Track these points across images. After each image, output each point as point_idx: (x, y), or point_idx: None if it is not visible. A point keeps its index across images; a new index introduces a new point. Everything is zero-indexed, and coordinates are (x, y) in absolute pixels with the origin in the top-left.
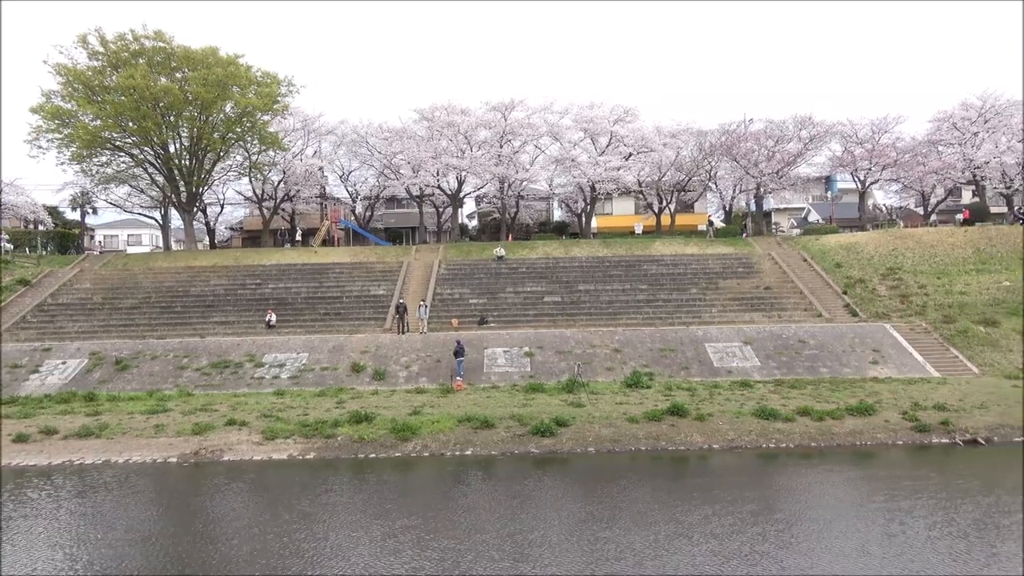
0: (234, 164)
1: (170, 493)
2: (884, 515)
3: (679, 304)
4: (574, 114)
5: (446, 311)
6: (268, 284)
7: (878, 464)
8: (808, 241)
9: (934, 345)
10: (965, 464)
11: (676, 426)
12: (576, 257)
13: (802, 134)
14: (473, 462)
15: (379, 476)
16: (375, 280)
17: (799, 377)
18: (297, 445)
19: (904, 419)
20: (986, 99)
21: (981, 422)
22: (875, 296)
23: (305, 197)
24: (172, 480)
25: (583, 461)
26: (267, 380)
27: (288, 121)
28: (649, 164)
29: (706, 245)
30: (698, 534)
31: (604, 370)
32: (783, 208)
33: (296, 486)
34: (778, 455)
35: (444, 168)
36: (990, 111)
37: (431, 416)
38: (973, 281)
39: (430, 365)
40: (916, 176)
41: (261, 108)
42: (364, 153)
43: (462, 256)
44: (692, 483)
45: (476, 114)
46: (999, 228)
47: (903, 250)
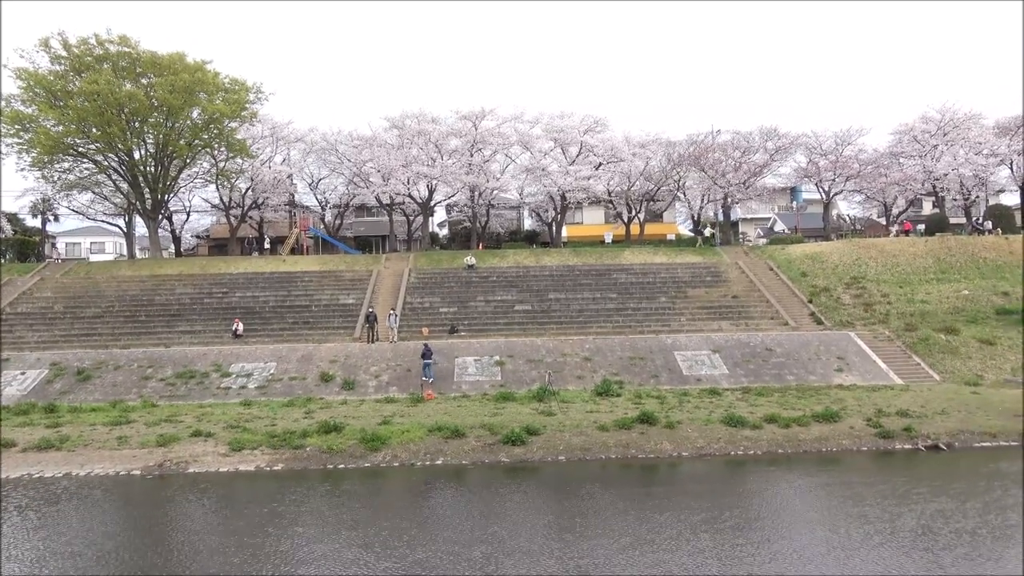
0: (201, 171)
1: (132, 506)
2: (829, 521)
3: (648, 312)
4: (544, 124)
5: (416, 320)
6: (235, 293)
7: (835, 470)
8: (774, 251)
9: (897, 353)
10: (923, 469)
11: (646, 434)
12: (547, 266)
13: (768, 145)
14: (444, 472)
15: (349, 487)
16: (344, 289)
17: (766, 385)
18: (265, 456)
19: (868, 425)
20: (945, 113)
21: (942, 428)
22: (839, 305)
23: (273, 205)
24: (135, 493)
25: (554, 470)
26: (234, 390)
27: (256, 128)
28: (619, 174)
29: (675, 254)
30: (663, 539)
31: (575, 378)
32: (750, 218)
33: (263, 498)
34: (746, 462)
35: (415, 176)
36: (949, 124)
37: (401, 426)
38: (934, 290)
39: (400, 374)
40: (878, 187)
41: (229, 115)
42: (334, 161)
43: (432, 265)
44: (661, 491)
45: (447, 123)
46: (958, 239)
47: (866, 260)
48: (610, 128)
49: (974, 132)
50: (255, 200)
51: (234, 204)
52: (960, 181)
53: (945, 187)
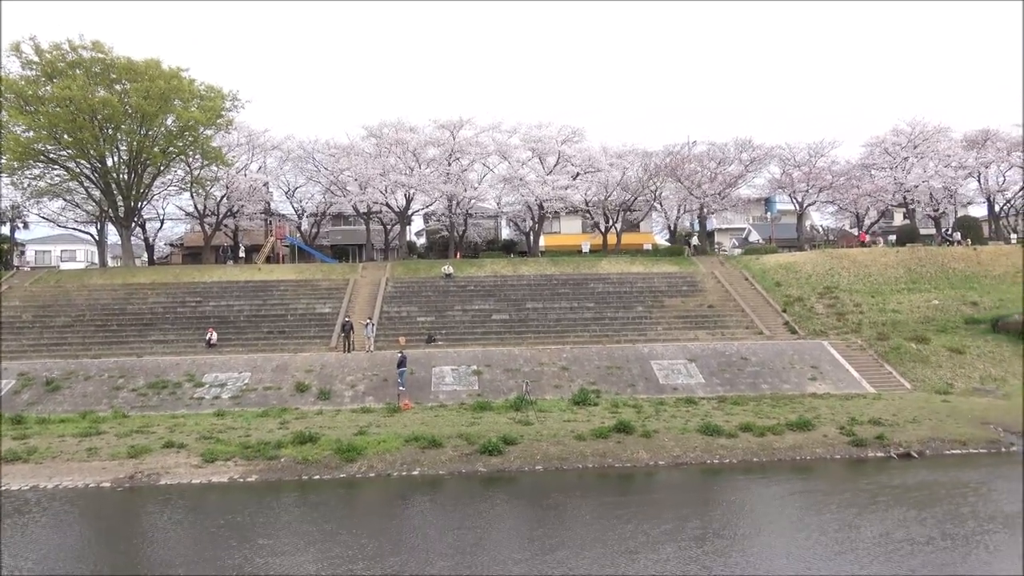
0: (175, 179)
1: (101, 519)
2: (791, 530)
3: (625, 322)
4: (522, 133)
5: (393, 329)
6: (209, 302)
7: (807, 478)
8: (749, 260)
9: (869, 361)
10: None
11: (623, 443)
12: (524, 275)
13: (743, 156)
14: (420, 482)
15: (324, 498)
16: (321, 298)
17: (742, 393)
18: (238, 467)
19: (841, 434)
20: (915, 126)
21: (914, 436)
22: (813, 314)
23: (249, 213)
24: (104, 506)
25: (531, 479)
26: (207, 400)
27: (232, 136)
28: (596, 184)
29: (651, 264)
30: (644, 549)
31: (552, 388)
32: (725, 228)
33: (236, 510)
34: (722, 470)
35: (392, 185)
36: (919, 137)
37: (377, 436)
38: (905, 300)
39: (377, 384)
40: (851, 198)
41: (204, 122)
42: (310, 169)
43: (410, 274)
44: (631, 500)
45: (425, 132)
46: (928, 249)
47: (839, 270)
48: (587, 138)
49: (943, 145)
50: (230, 208)
51: (209, 212)
52: (930, 193)
53: (915, 199)
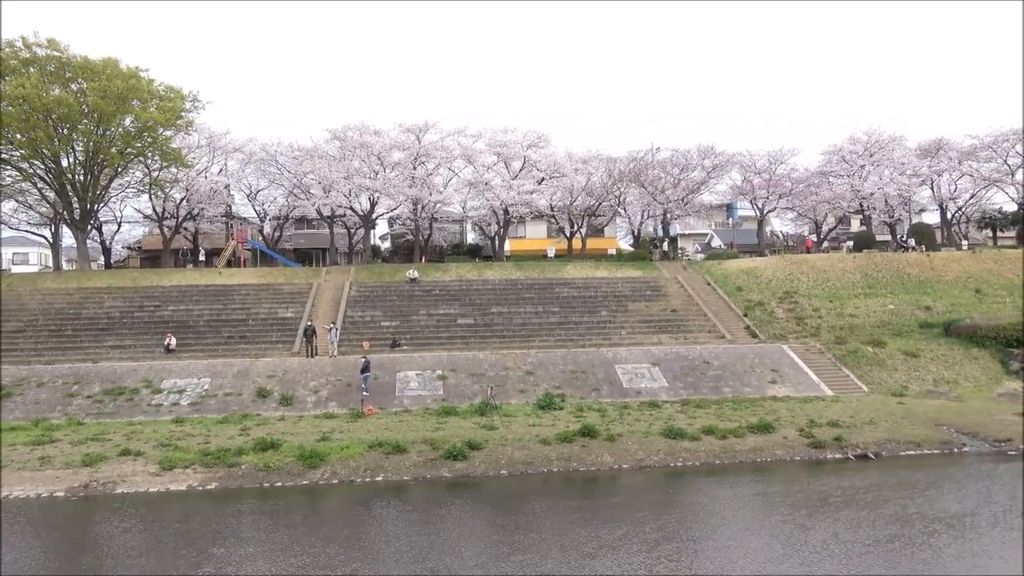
0: (133, 180)
1: (53, 529)
2: (745, 532)
3: (590, 326)
4: (488, 138)
5: (357, 334)
6: (168, 306)
7: (766, 480)
8: (711, 266)
9: (827, 365)
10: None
11: (587, 447)
12: (489, 280)
13: (705, 163)
14: (384, 488)
15: (284, 505)
16: (283, 302)
17: (704, 397)
18: (197, 475)
19: (801, 436)
20: (871, 135)
21: (871, 437)
22: (773, 318)
23: (209, 216)
24: (56, 516)
25: (496, 484)
26: (166, 407)
27: (192, 137)
28: (561, 189)
29: (616, 269)
30: (600, 552)
31: (517, 392)
32: (688, 233)
33: (192, 518)
34: (685, 473)
35: (356, 189)
36: (875, 146)
37: (341, 442)
38: (862, 304)
39: (340, 389)
40: (809, 205)
41: (163, 123)
42: (273, 172)
43: (374, 278)
44: (599, 504)
45: (390, 135)
46: (884, 255)
47: (798, 275)
48: (552, 144)
49: (898, 153)
50: (190, 211)
51: (168, 215)
52: (885, 200)
53: (872, 206)
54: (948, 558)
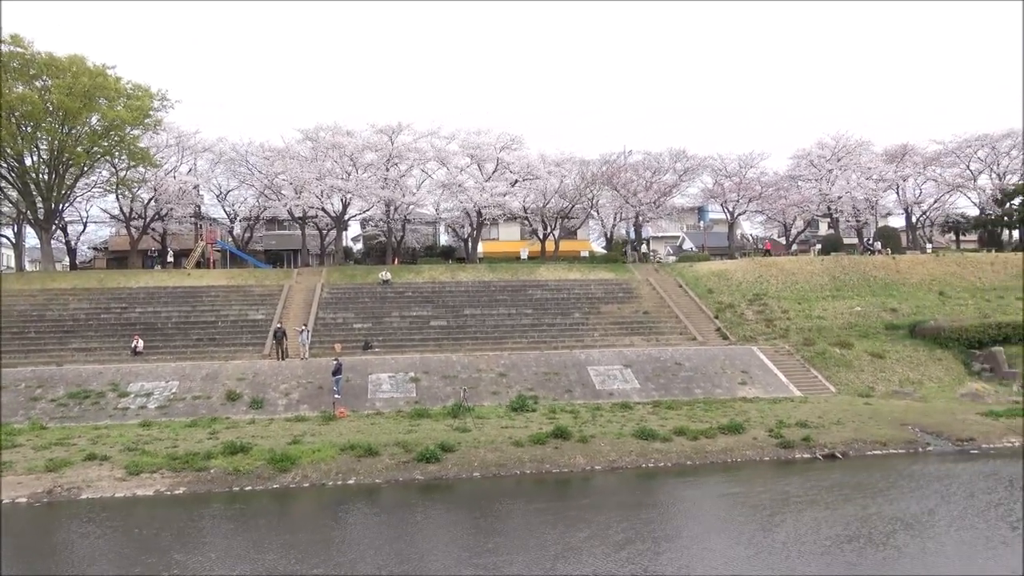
0: (99, 180)
1: (12, 537)
2: (708, 533)
3: (563, 328)
4: (461, 140)
5: (329, 336)
6: (135, 308)
7: (736, 480)
8: (683, 268)
9: (796, 366)
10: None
11: (560, 449)
12: (462, 281)
13: (677, 166)
14: (356, 491)
15: (254, 509)
16: (254, 304)
17: (676, 398)
18: (165, 479)
19: (770, 436)
20: (839, 140)
21: (838, 437)
22: (743, 320)
23: (178, 216)
24: (18, 523)
25: (468, 486)
26: (132, 410)
27: (161, 137)
28: (534, 191)
29: (589, 271)
30: (566, 554)
31: (490, 394)
32: (660, 236)
33: (159, 523)
34: (657, 474)
35: (328, 190)
36: (842, 150)
37: (312, 445)
38: (829, 306)
39: (312, 392)
40: (779, 208)
41: (131, 122)
42: (243, 172)
43: (346, 280)
44: (570, 505)
45: (362, 136)
46: (851, 258)
47: (768, 277)
48: (526, 146)
49: (865, 158)
50: (158, 211)
51: (135, 215)
52: (852, 204)
53: (839, 209)
54: (906, 558)
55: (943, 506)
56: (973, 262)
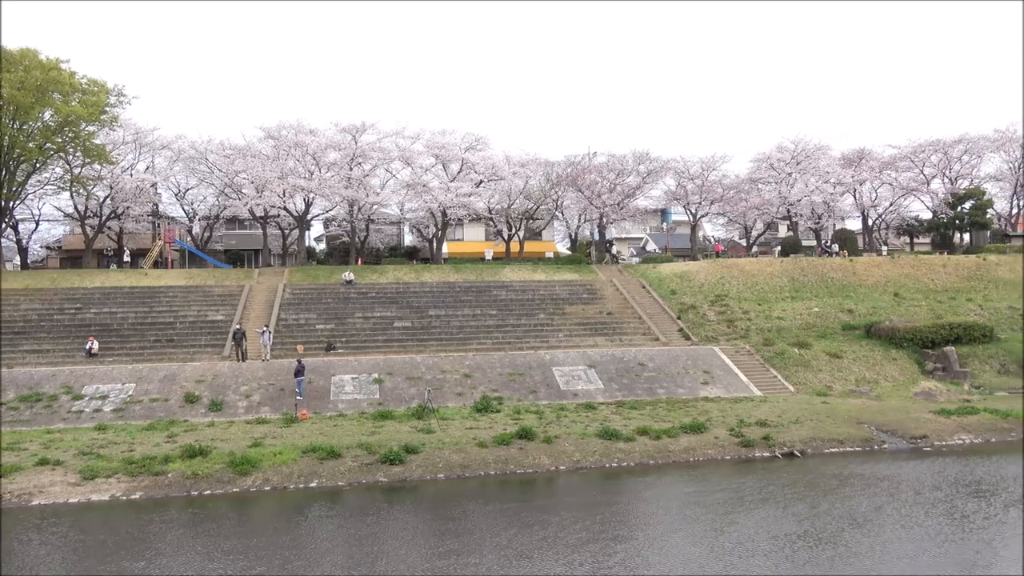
0: (53, 177)
1: None
2: (663, 534)
3: (528, 329)
4: (426, 140)
5: (291, 337)
6: (90, 308)
7: (697, 480)
8: (646, 269)
9: (756, 366)
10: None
11: (524, 449)
12: (427, 282)
13: (640, 168)
14: (319, 494)
15: (213, 514)
16: (213, 305)
17: (639, 398)
18: (121, 484)
19: (731, 435)
20: (798, 143)
21: (797, 436)
22: (705, 321)
23: (135, 215)
24: None
25: (432, 488)
26: (87, 414)
27: (117, 133)
28: (499, 192)
29: (553, 272)
30: (517, 557)
31: (454, 395)
32: (624, 237)
33: (112, 530)
34: (620, 474)
35: (291, 189)
36: (801, 154)
37: (273, 448)
38: (789, 307)
39: (273, 394)
40: (740, 211)
41: (86, 118)
42: (203, 170)
43: (309, 280)
44: (531, 506)
45: (326, 135)
46: (809, 260)
47: (729, 278)
48: (491, 147)
49: (823, 162)
50: (114, 210)
51: (91, 213)
52: (811, 207)
53: (798, 212)
54: (851, 556)
55: (891, 503)
56: (926, 264)
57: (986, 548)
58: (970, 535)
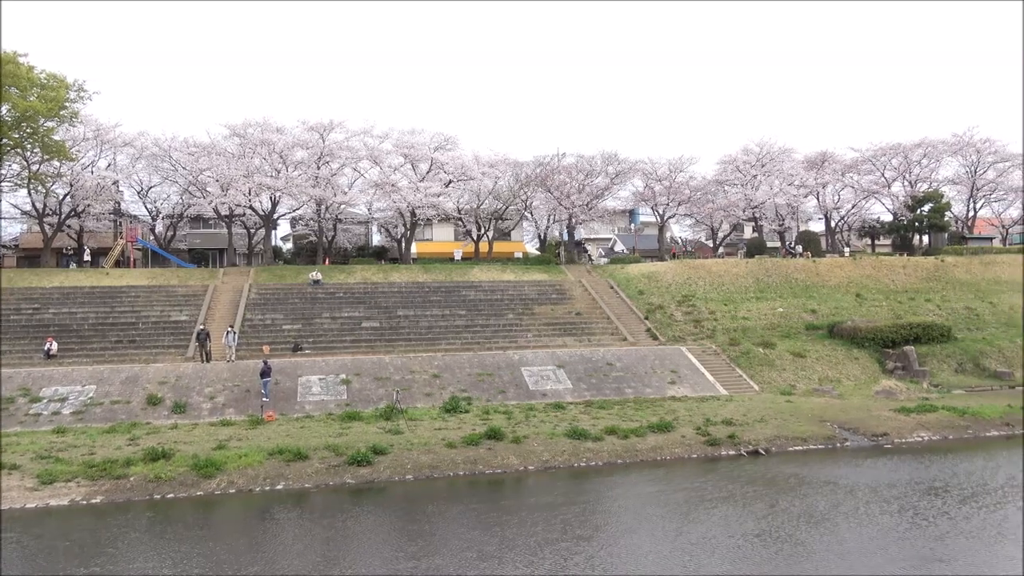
0: (9, 173)
1: None
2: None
3: (497, 329)
4: (395, 139)
5: (257, 338)
6: (48, 309)
7: (663, 479)
8: (615, 270)
9: (722, 366)
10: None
11: (493, 450)
12: (395, 282)
13: (609, 170)
14: (285, 496)
15: (175, 517)
16: (177, 305)
17: (607, 398)
18: (81, 488)
19: (698, 434)
20: (763, 146)
21: (762, 434)
22: (672, 321)
23: (96, 213)
24: None
25: (401, 489)
26: (45, 416)
27: (78, 129)
28: (468, 192)
29: (522, 272)
30: (477, 559)
31: (423, 396)
32: (592, 238)
33: (69, 535)
34: (588, 473)
35: (257, 188)
36: (766, 157)
37: (238, 450)
38: (754, 307)
39: (238, 395)
40: (706, 212)
41: (45, 113)
42: (167, 168)
43: (275, 280)
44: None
45: (293, 133)
46: (774, 260)
47: (696, 279)
48: (460, 147)
49: (787, 165)
50: (74, 208)
51: (49, 211)
52: (775, 208)
53: (763, 214)
54: (818, 557)
55: (848, 500)
56: (887, 265)
57: (938, 544)
58: (924, 531)
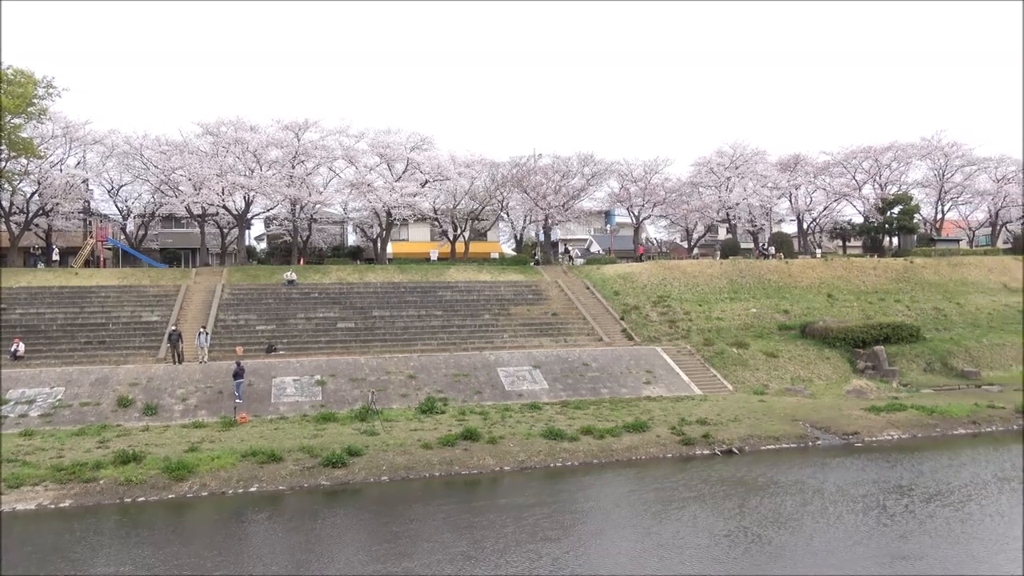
0: None
1: None
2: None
3: (473, 330)
4: (370, 139)
5: (230, 338)
6: (16, 309)
7: (627, 479)
8: (591, 270)
9: (697, 365)
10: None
11: (469, 450)
12: (371, 283)
13: (585, 170)
14: (259, 499)
15: (145, 521)
16: (148, 305)
17: (583, 398)
18: (49, 492)
19: (673, 434)
20: (736, 148)
21: (735, 434)
22: (648, 321)
23: (65, 212)
24: None
25: (376, 490)
26: (12, 419)
27: (46, 126)
28: (444, 192)
29: (498, 272)
30: (451, 560)
31: (399, 397)
32: (569, 239)
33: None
34: (564, 473)
35: (230, 187)
36: (740, 158)
37: (211, 452)
38: (728, 308)
39: (211, 397)
40: (681, 213)
41: (11, 110)
42: (138, 167)
43: (249, 280)
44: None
45: (267, 132)
46: (747, 262)
47: (671, 280)
48: (436, 147)
49: (760, 167)
50: (42, 206)
51: (16, 209)
52: (749, 210)
53: (736, 215)
54: (787, 558)
55: (816, 499)
56: (858, 266)
57: (901, 541)
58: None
